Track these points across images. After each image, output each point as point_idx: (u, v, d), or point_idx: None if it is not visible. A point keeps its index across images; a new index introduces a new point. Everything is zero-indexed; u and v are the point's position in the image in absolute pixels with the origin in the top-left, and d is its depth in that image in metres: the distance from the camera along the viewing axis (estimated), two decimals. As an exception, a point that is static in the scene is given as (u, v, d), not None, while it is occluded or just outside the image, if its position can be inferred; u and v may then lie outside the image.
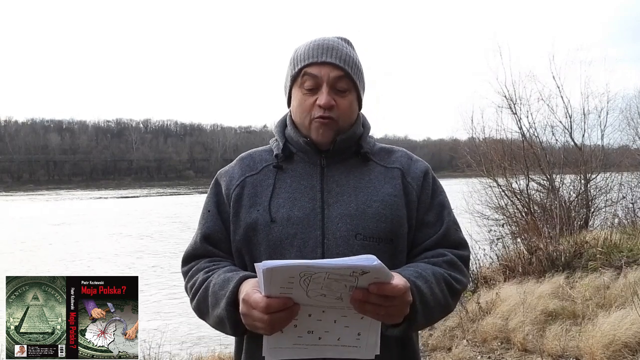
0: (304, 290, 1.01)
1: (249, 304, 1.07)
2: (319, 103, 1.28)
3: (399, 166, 1.37)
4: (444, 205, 1.38)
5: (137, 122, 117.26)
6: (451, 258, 1.31)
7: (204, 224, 1.38)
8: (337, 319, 1.07)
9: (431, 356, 4.48)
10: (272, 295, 1.02)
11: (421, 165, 1.40)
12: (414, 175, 1.36)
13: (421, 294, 1.17)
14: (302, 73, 1.31)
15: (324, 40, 1.33)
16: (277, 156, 1.36)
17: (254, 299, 1.06)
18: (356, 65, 1.34)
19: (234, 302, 1.16)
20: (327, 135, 1.31)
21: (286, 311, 1.03)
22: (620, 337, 3.97)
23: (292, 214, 1.28)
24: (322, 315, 1.06)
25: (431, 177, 1.39)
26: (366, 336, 1.09)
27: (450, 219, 1.37)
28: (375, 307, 1.04)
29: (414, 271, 1.21)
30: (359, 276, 1.00)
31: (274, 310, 1.03)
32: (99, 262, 14.31)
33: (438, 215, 1.36)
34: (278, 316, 1.03)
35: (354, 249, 1.25)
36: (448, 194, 1.44)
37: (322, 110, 1.28)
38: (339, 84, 1.30)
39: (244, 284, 1.16)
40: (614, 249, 6.90)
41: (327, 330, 1.07)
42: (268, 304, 1.03)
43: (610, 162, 12.55)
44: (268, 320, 1.04)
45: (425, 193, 1.36)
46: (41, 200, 46.97)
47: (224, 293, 1.19)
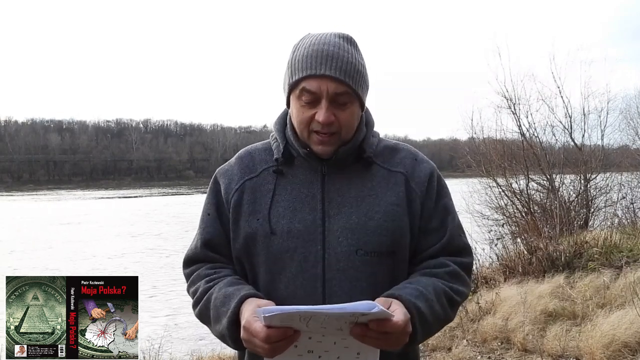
0: (304, 324, 1.03)
1: (249, 332, 1.08)
2: (317, 119, 1.22)
3: (403, 170, 1.33)
4: (448, 210, 1.34)
5: (137, 122, 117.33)
6: (453, 269, 1.29)
7: (204, 228, 1.37)
8: (336, 341, 1.09)
9: (431, 356, 4.48)
10: (273, 326, 1.04)
11: (426, 168, 1.35)
12: (419, 180, 1.32)
13: (421, 314, 1.17)
14: (299, 86, 1.23)
15: (324, 45, 1.22)
16: (278, 160, 1.32)
17: (254, 328, 1.07)
18: (359, 72, 1.24)
19: (235, 322, 1.16)
20: (327, 150, 1.26)
21: (287, 339, 1.05)
22: (620, 337, 3.97)
23: (293, 226, 1.26)
24: (322, 338, 1.08)
25: (436, 180, 1.35)
26: (365, 355, 1.11)
27: (455, 225, 1.34)
28: (375, 340, 1.07)
29: (415, 289, 1.20)
30: (359, 317, 1.02)
31: (274, 340, 1.04)
32: (110, 261, 14.42)
33: (441, 222, 1.32)
34: (278, 344, 1.05)
35: (355, 265, 1.24)
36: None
37: (322, 126, 1.22)
38: (340, 98, 1.22)
39: (245, 304, 1.16)
40: (614, 249, 6.89)
41: (327, 350, 1.09)
42: (268, 335, 1.04)
43: (610, 162, 12.53)
44: (269, 349, 1.06)
45: (430, 198, 1.32)
46: (43, 200, 47.00)
47: (225, 310, 1.19)
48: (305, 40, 1.28)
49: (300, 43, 1.28)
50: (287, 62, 1.28)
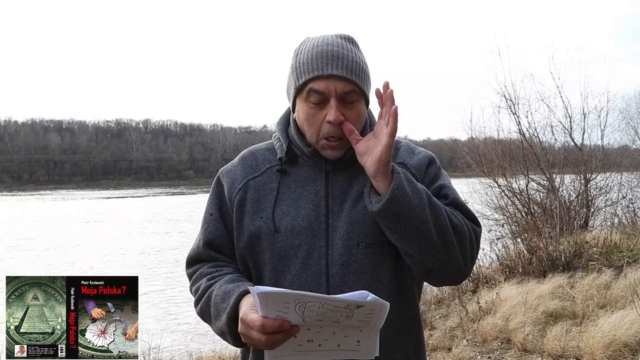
0: (300, 316, 1.02)
1: (246, 324, 1.08)
2: (328, 119, 1.22)
3: (401, 160, 1.34)
4: (447, 185, 1.32)
5: (137, 122, 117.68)
6: (460, 218, 1.24)
7: (207, 228, 1.37)
8: (335, 331, 1.08)
9: (431, 356, 4.48)
10: (269, 316, 1.03)
11: (424, 155, 1.36)
12: (418, 166, 1.33)
13: (409, 186, 1.17)
14: (307, 87, 1.23)
15: (327, 46, 1.23)
16: (281, 159, 1.33)
17: (250, 318, 1.06)
18: (363, 70, 1.26)
19: (234, 318, 1.16)
20: (336, 154, 1.27)
21: (284, 333, 1.03)
22: (620, 337, 3.97)
23: (296, 223, 1.27)
24: (320, 330, 1.07)
25: (436, 166, 1.35)
26: (365, 343, 1.11)
27: (458, 196, 1.31)
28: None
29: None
30: (354, 309, 1.02)
31: (270, 330, 1.03)
32: (146, 256, 14.71)
33: (444, 196, 1.29)
34: (275, 337, 1.04)
35: (358, 258, 1.24)
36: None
37: (331, 127, 1.23)
38: (348, 97, 1.24)
39: (244, 299, 1.15)
40: (614, 249, 6.89)
41: (327, 339, 1.09)
42: (263, 324, 1.03)
43: (610, 162, 12.54)
44: (266, 340, 1.04)
45: (428, 179, 1.32)
46: (48, 200, 47.10)
47: (224, 306, 1.19)
48: (307, 43, 1.28)
49: (301, 47, 1.28)
50: (291, 66, 1.28)
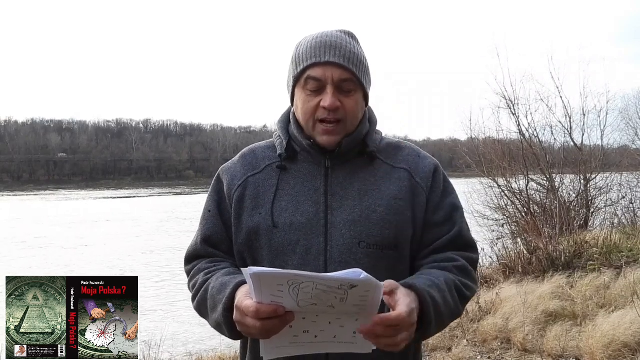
0: (294, 299, 1.02)
1: (241, 311, 1.07)
2: (323, 105, 1.23)
3: (406, 167, 1.33)
4: (456, 205, 1.34)
5: (137, 122, 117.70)
6: (462, 264, 1.28)
7: (205, 225, 1.37)
8: (331, 321, 1.08)
9: (431, 356, 4.48)
10: (263, 302, 1.02)
11: (430, 163, 1.35)
12: (423, 175, 1.32)
13: (435, 304, 1.15)
14: (305, 75, 1.25)
15: (327, 37, 1.26)
16: (281, 156, 1.33)
17: (245, 305, 1.06)
18: (362, 62, 1.27)
19: (230, 308, 1.16)
20: (332, 139, 1.27)
21: (279, 319, 1.03)
22: (620, 337, 3.97)
23: (295, 219, 1.26)
24: (316, 318, 1.07)
25: (441, 175, 1.35)
26: (361, 334, 1.09)
27: (463, 220, 1.34)
28: (384, 338, 1.03)
29: (428, 279, 1.19)
30: (348, 290, 1.01)
31: (265, 316, 1.02)
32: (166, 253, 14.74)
33: (449, 216, 1.32)
34: (271, 323, 1.03)
35: (358, 257, 1.24)
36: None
37: (327, 112, 1.24)
38: (344, 85, 1.24)
39: (240, 289, 1.15)
40: (614, 249, 6.89)
41: (323, 329, 1.08)
42: (258, 310, 1.02)
43: (610, 162, 12.54)
44: (260, 327, 1.03)
45: (435, 193, 1.32)
46: (52, 200, 47.11)
47: (221, 298, 1.18)
48: (308, 36, 1.31)
49: (302, 40, 1.31)
50: (291, 58, 1.31)
